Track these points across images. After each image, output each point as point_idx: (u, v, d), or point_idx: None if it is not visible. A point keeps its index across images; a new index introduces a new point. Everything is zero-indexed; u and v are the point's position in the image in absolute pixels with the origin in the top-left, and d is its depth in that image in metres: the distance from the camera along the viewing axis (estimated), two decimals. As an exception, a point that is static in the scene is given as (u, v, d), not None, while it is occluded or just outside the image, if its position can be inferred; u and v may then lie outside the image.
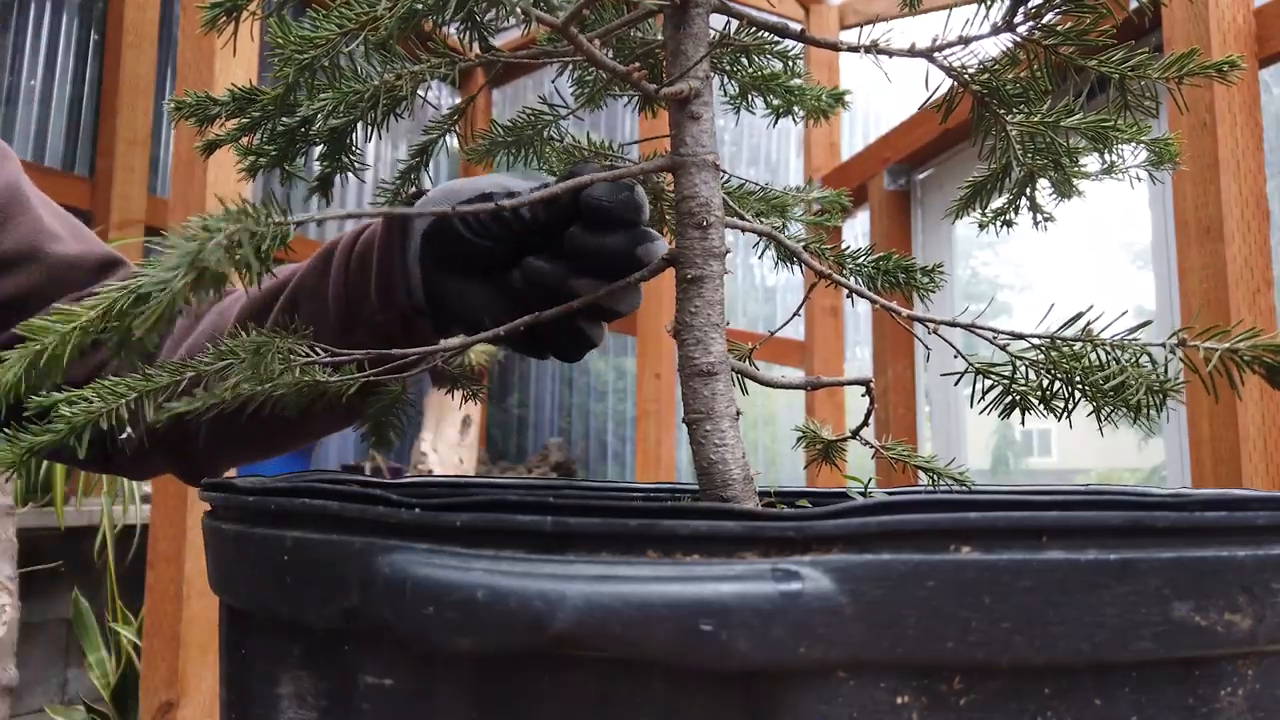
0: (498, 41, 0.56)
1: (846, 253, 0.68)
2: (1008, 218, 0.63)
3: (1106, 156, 0.57)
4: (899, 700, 0.34)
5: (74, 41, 3.46)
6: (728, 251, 0.52)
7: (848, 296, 0.59)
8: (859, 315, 3.96)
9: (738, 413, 0.51)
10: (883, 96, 4.24)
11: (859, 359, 4.13)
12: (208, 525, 0.47)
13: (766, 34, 0.62)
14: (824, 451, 0.73)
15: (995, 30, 0.52)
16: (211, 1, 0.51)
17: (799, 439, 0.75)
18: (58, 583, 2.82)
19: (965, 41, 0.53)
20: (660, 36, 0.61)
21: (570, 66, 0.64)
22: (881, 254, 0.68)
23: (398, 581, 0.35)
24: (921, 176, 2.64)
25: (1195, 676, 0.36)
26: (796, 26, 0.58)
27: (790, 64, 0.66)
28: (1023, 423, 0.55)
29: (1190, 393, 1.51)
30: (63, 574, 2.73)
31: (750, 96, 0.68)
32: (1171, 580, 0.34)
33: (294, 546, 0.39)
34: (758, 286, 4.59)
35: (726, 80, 0.67)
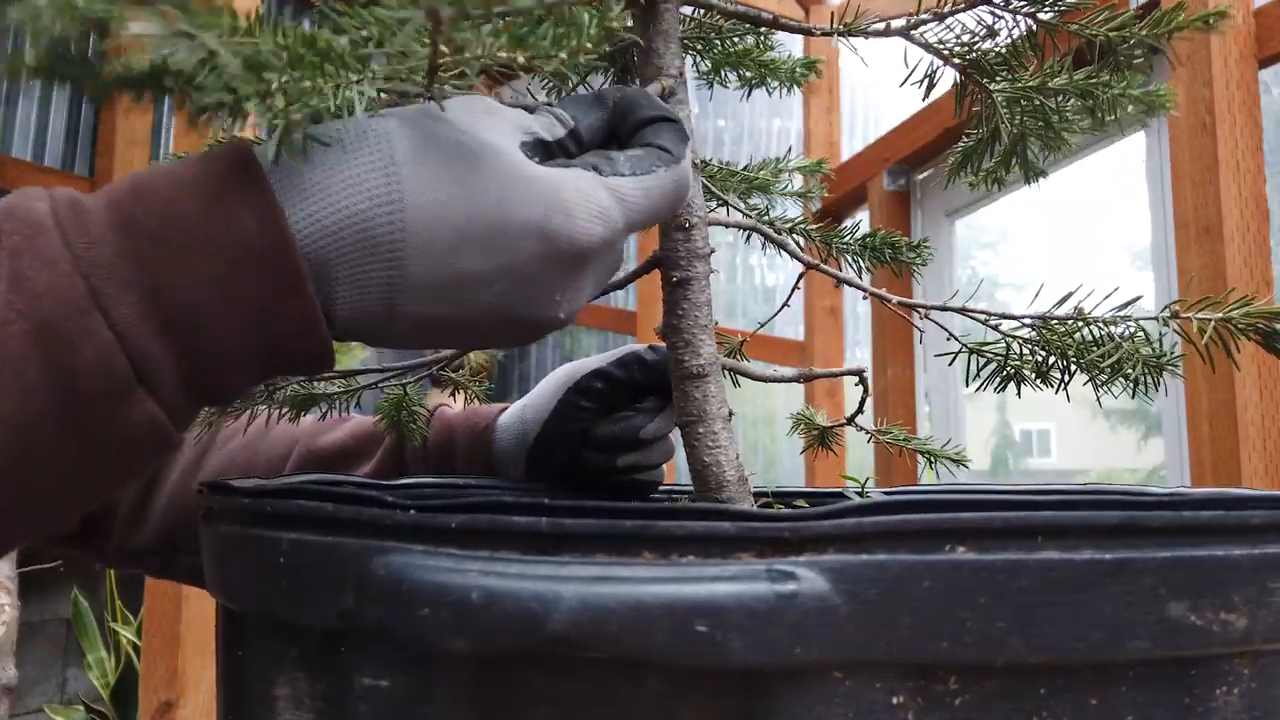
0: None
1: (833, 232, 0.68)
2: (999, 176, 0.63)
3: (1098, 115, 0.57)
4: (894, 700, 0.34)
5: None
6: (713, 250, 0.51)
7: (837, 286, 0.59)
8: (859, 316, 3.96)
9: (730, 414, 0.51)
10: (882, 97, 4.24)
11: (858, 360, 4.13)
12: (205, 527, 0.47)
13: (739, 22, 0.62)
14: (819, 437, 0.74)
15: (970, 3, 0.52)
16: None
17: (794, 424, 0.75)
18: (57, 583, 2.82)
19: (940, 17, 0.53)
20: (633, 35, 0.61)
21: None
22: (867, 232, 0.68)
23: (394, 583, 0.35)
24: (921, 177, 2.63)
25: (1192, 675, 0.36)
26: (768, 16, 0.57)
27: (761, 38, 0.66)
28: (1019, 394, 0.55)
29: (1190, 392, 1.52)
30: (62, 574, 2.73)
31: (723, 72, 0.68)
32: (1167, 580, 0.34)
33: (290, 548, 0.39)
34: (757, 287, 4.59)
35: (698, 59, 0.67)
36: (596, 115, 0.45)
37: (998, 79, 0.55)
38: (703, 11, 0.62)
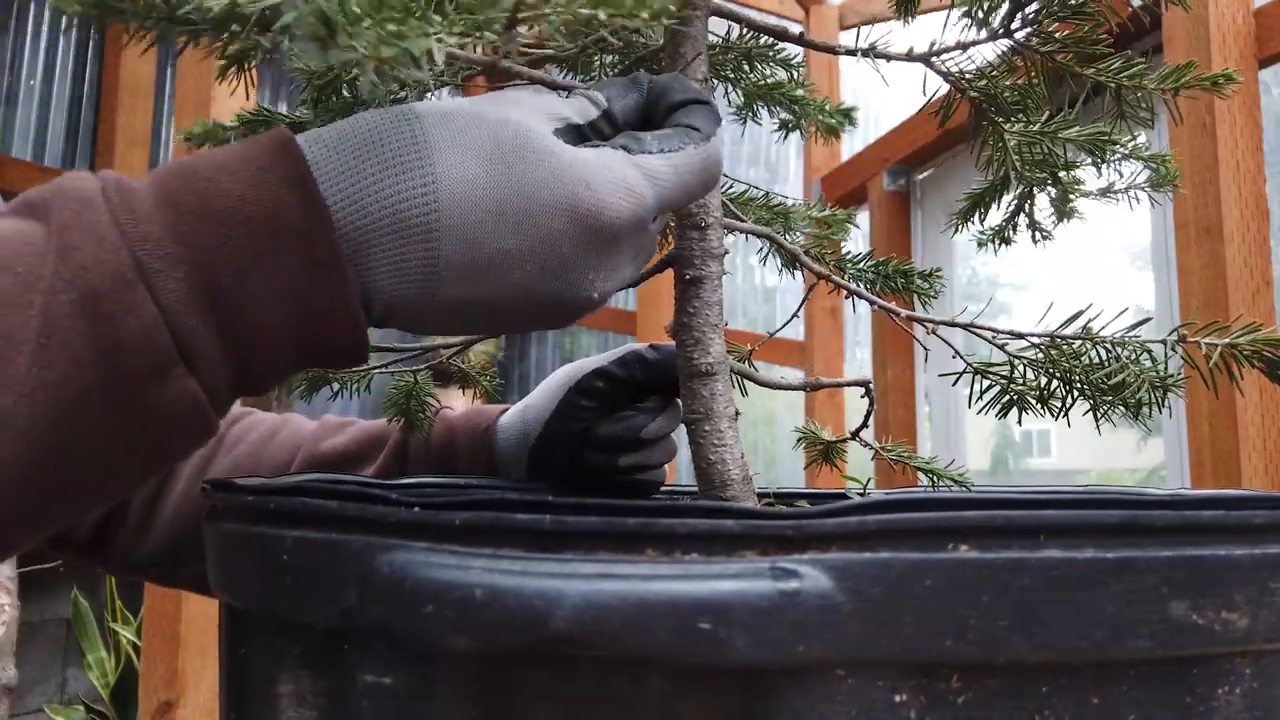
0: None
1: (846, 257, 0.69)
2: (1006, 234, 0.63)
3: (1104, 172, 0.57)
4: (897, 699, 0.34)
5: (74, 41, 3.46)
6: (726, 252, 0.52)
7: (846, 298, 0.59)
8: (859, 317, 3.96)
9: (736, 413, 0.51)
10: (882, 97, 4.24)
11: (859, 360, 4.13)
12: (208, 525, 0.47)
13: (766, 38, 0.62)
14: (824, 452, 0.73)
15: (993, 36, 0.52)
16: (219, 64, 0.51)
17: (799, 440, 0.75)
18: (57, 583, 2.82)
19: (963, 47, 0.53)
20: (661, 40, 0.61)
21: (568, 67, 0.65)
22: (881, 259, 0.68)
23: (397, 580, 0.35)
24: (921, 177, 2.63)
25: (1193, 675, 0.36)
26: (796, 29, 0.58)
27: (794, 73, 0.66)
28: (1020, 422, 0.55)
29: (1190, 394, 1.51)
30: (62, 574, 2.73)
31: (756, 106, 0.68)
32: (1169, 579, 0.34)
33: (293, 546, 0.39)
34: (757, 287, 4.59)
35: (731, 89, 0.67)
36: (631, 98, 0.45)
37: (1013, 119, 0.55)
38: (736, 31, 0.62)
